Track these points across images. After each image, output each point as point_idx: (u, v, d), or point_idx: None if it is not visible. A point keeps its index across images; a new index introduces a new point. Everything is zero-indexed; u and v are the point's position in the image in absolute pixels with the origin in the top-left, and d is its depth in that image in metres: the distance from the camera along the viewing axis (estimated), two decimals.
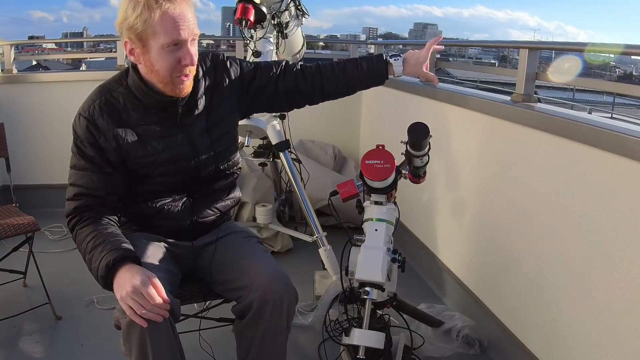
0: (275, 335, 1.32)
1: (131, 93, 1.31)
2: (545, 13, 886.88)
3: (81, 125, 1.30)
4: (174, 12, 1.20)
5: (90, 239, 1.23)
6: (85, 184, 1.29)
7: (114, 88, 1.33)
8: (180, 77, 1.26)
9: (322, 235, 2.19)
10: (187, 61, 1.24)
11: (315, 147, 3.38)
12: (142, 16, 1.18)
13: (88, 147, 1.29)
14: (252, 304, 1.28)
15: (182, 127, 1.35)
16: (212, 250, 1.45)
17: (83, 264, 1.27)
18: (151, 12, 1.18)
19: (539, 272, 1.68)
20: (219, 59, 1.45)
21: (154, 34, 1.20)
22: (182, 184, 1.39)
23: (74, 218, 1.30)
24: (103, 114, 1.29)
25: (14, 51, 3.46)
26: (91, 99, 1.32)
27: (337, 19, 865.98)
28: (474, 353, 1.90)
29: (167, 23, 1.19)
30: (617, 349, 1.36)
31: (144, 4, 1.18)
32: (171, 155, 1.34)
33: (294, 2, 2.23)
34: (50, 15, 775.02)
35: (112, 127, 1.29)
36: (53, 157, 3.31)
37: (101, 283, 1.20)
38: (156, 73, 1.25)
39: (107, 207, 1.31)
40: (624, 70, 40.39)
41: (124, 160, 1.31)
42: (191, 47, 1.25)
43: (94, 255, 1.21)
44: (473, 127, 2.13)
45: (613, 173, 1.39)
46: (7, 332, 1.97)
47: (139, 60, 1.26)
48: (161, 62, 1.23)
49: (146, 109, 1.32)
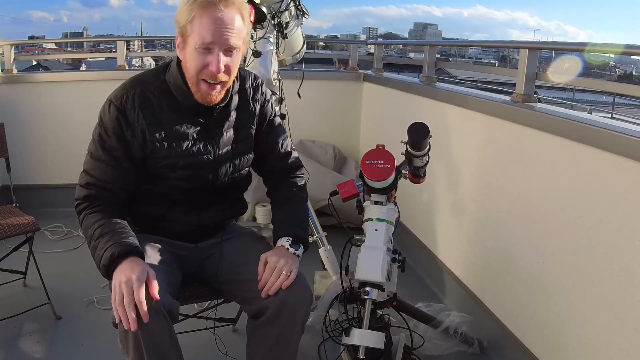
0: (290, 337, 1.29)
1: (168, 90, 1.30)
2: (544, 13, 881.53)
3: (111, 113, 1.27)
4: (217, 16, 1.19)
5: (98, 227, 1.23)
6: (99, 175, 1.29)
7: (151, 81, 1.31)
8: (205, 82, 1.24)
9: (322, 235, 2.19)
10: (213, 68, 1.21)
11: (315, 147, 3.38)
12: (188, 11, 1.19)
13: (112, 137, 1.27)
14: (268, 306, 1.26)
15: (211, 136, 1.35)
16: (218, 251, 1.44)
17: (83, 264, 1.27)
18: (197, 10, 1.18)
19: (539, 271, 1.68)
20: (261, 88, 1.45)
21: (192, 31, 1.20)
22: (194, 191, 1.38)
23: (83, 204, 1.30)
24: (136, 106, 1.27)
25: (14, 51, 3.46)
26: (125, 89, 1.29)
27: (336, 19, 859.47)
28: (473, 351, 1.90)
29: (204, 23, 1.19)
30: (617, 348, 1.36)
31: (193, 2, 1.19)
32: (193, 161, 1.33)
33: (294, 2, 2.23)
34: (50, 15, 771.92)
35: (142, 121, 1.27)
36: (53, 157, 3.32)
37: (102, 271, 1.21)
38: (187, 71, 1.26)
39: (117, 201, 1.31)
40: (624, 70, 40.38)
41: (146, 157, 1.30)
42: (223, 56, 1.22)
43: (99, 243, 1.21)
44: (473, 127, 2.13)
45: (613, 173, 1.39)
46: (7, 332, 1.97)
47: (181, 56, 1.26)
48: (191, 61, 1.23)
49: (180, 109, 1.30)
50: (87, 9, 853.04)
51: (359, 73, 3.51)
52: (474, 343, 1.91)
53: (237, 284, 1.38)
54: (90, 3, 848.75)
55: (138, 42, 22.56)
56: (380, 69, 3.48)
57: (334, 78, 3.75)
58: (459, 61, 24.37)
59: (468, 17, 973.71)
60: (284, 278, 1.24)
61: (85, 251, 2.91)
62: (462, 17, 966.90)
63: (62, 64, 14.47)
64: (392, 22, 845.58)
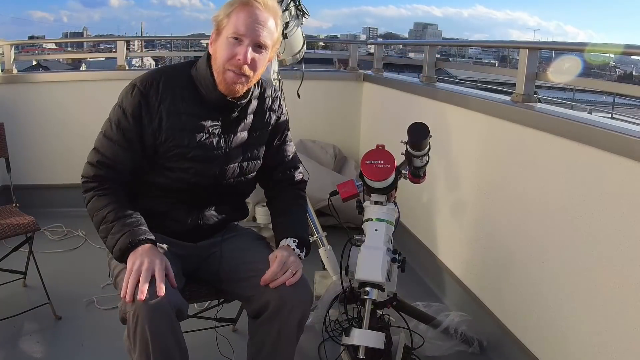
0: (290, 336, 1.31)
1: (192, 83, 1.34)
2: (544, 13, 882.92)
3: (133, 96, 1.30)
4: (254, 12, 1.26)
5: (112, 209, 1.26)
6: (110, 155, 1.31)
7: (177, 73, 1.35)
8: (232, 71, 1.27)
9: (322, 235, 2.19)
10: (241, 57, 1.26)
11: (316, 147, 3.38)
12: (229, 7, 1.27)
13: (129, 118, 1.30)
14: (268, 303, 1.28)
15: (226, 133, 1.37)
16: (218, 250, 1.45)
17: (83, 264, 1.27)
18: (237, 6, 1.26)
19: (539, 271, 1.68)
20: (279, 100, 1.49)
21: (228, 24, 1.27)
22: (198, 187, 1.39)
23: (92, 183, 1.32)
24: (159, 93, 1.30)
25: (14, 51, 3.46)
26: (152, 75, 1.33)
27: (336, 19, 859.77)
28: (472, 351, 1.90)
29: (240, 16, 1.25)
30: (618, 348, 1.36)
31: (235, 1, 1.27)
32: (203, 154, 1.34)
33: (294, 2, 2.23)
34: (50, 15, 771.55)
35: (162, 108, 1.30)
36: (53, 157, 3.32)
37: (116, 254, 1.24)
38: (215, 61, 1.30)
39: (124, 184, 1.33)
40: (624, 70, 40.37)
41: (157, 145, 1.32)
42: (251, 51, 1.27)
43: (115, 226, 1.24)
44: (473, 127, 2.13)
45: (613, 173, 1.39)
46: (7, 332, 1.97)
47: (212, 50, 1.31)
48: (221, 51, 1.28)
49: (202, 102, 1.33)
50: (87, 9, 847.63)
51: (359, 73, 3.51)
52: (474, 343, 1.91)
53: (238, 282, 1.39)
54: (90, 3, 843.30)
55: (138, 42, 22.59)
56: (380, 69, 3.48)
57: (334, 78, 3.75)
58: (459, 61, 24.37)
59: (468, 17, 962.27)
60: (289, 275, 1.28)
61: (85, 251, 2.92)
62: (462, 17, 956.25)
63: (62, 64, 14.47)
64: (392, 22, 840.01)
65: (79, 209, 1.46)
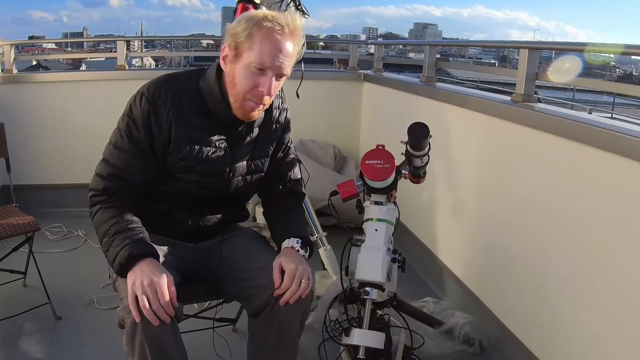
0: (290, 335, 1.31)
1: (199, 96, 1.31)
2: (544, 13, 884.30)
3: (142, 106, 1.27)
4: (277, 39, 1.22)
5: (115, 223, 1.24)
6: (122, 166, 1.29)
7: (185, 83, 1.32)
8: (252, 101, 1.27)
9: (322, 235, 2.19)
10: (264, 90, 1.25)
11: (316, 147, 3.38)
12: (249, 29, 1.21)
13: (140, 129, 1.28)
14: (269, 302, 1.28)
15: (232, 147, 1.37)
16: (218, 250, 1.45)
17: (83, 264, 1.27)
18: (259, 29, 1.21)
19: (539, 272, 1.68)
20: (286, 113, 1.48)
21: (250, 49, 1.22)
22: (202, 197, 1.39)
23: (100, 196, 1.29)
24: (167, 103, 1.28)
25: (14, 51, 3.45)
26: (159, 84, 1.30)
27: (336, 19, 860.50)
28: (473, 351, 1.90)
29: (265, 45, 1.21)
30: (618, 348, 1.36)
31: (257, 21, 1.22)
32: (209, 168, 1.34)
33: (294, 2, 2.23)
34: (50, 15, 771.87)
35: (171, 119, 1.28)
36: (53, 157, 3.31)
37: (116, 268, 1.21)
38: (233, 86, 1.27)
39: (134, 195, 1.31)
40: (624, 70, 40.40)
41: (165, 155, 1.31)
42: (274, 80, 1.26)
43: (115, 239, 1.22)
44: (473, 127, 2.13)
45: (613, 173, 1.39)
46: (7, 332, 1.97)
47: (227, 68, 1.27)
48: (241, 79, 1.25)
49: (209, 115, 1.32)
50: (87, 9, 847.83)
51: (359, 73, 3.51)
52: (475, 343, 1.91)
53: (238, 282, 1.39)
54: (90, 3, 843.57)
55: (138, 42, 22.61)
56: (380, 69, 3.47)
57: (334, 78, 3.75)
58: (459, 61, 24.38)
59: (468, 17, 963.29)
60: (305, 286, 1.26)
61: (85, 251, 2.93)
62: (461, 17, 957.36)
63: (62, 64, 14.48)
64: (392, 22, 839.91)
65: (79, 209, 1.46)
